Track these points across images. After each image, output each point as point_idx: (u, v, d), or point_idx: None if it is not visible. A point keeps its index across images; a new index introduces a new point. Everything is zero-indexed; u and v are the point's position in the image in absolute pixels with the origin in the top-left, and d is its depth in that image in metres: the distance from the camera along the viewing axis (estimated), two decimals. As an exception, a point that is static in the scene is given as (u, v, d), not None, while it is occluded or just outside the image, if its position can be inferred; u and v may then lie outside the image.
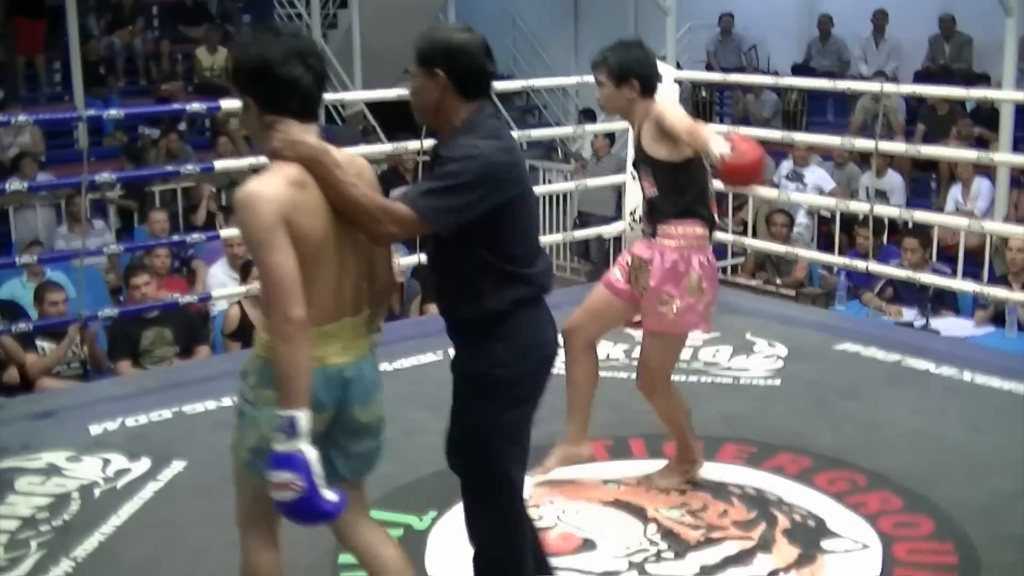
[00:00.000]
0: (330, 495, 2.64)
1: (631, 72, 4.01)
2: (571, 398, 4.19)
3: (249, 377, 2.78)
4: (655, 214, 4.05)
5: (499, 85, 10.41)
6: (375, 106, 13.32)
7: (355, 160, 2.85)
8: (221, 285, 7.39)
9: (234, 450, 2.85)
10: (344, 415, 2.79)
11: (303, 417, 2.58)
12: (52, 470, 4.48)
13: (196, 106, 6.29)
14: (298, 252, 2.63)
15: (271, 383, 2.66)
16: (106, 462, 4.51)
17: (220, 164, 6.42)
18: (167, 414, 5.07)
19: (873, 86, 8.58)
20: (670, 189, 4.01)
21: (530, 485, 4.04)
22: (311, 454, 2.59)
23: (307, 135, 2.70)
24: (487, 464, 3.04)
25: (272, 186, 2.63)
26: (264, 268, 2.64)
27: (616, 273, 4.17)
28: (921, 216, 6.82)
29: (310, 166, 2.67)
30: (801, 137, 8.43)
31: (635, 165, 4.21)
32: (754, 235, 8.16)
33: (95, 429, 4.84)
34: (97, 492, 4.29)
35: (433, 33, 3.02)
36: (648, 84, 4.06)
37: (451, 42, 2.95)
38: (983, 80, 10.91)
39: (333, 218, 2.71)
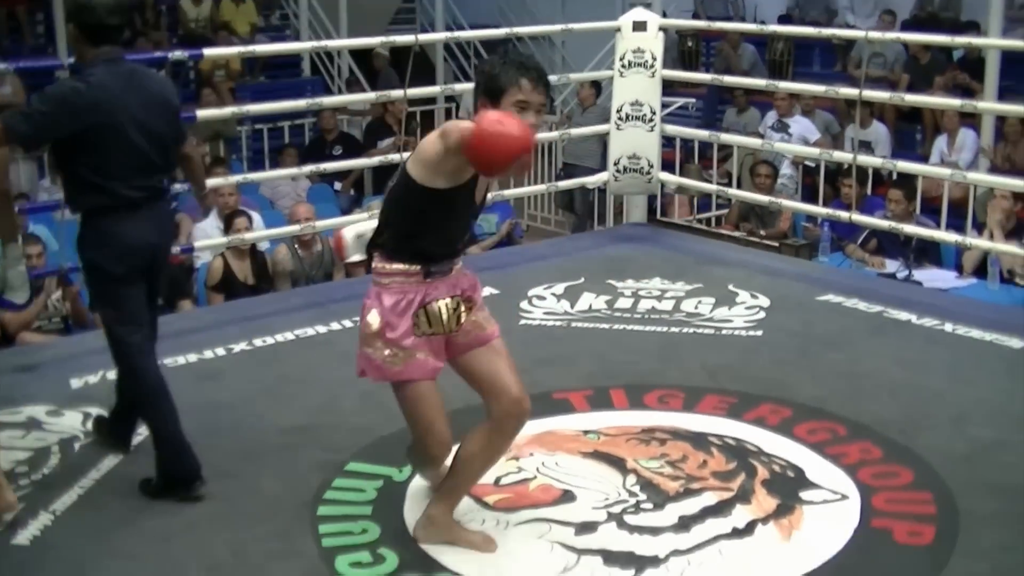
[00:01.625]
0: None
1: None
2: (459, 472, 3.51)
3: None
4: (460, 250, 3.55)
5: (482, 33, 10.42)
6: (360, 57, 13.26)
7: None
8: (207, 237, 7.28)
9: None
10: None
11: None
12: (33, 424, 4.46)
13: (178, 53, 6.17)
14: None
15: None
16: (87, 416, 4.48)
17: (203, 114, 6.25)
18: (148, 367, 5.04)
19: (858, 33, 8.55)
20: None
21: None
22: None
23: None
24: (104, 319, 4.02)
25: None
26: None
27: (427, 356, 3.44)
28: (905, 166, 6.82)
29: None
30: (784, 85, 8.40)
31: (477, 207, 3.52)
32: (738, 186, 8.12)
33: (76, 383, 4.82)
34: (77, 446, 4.28)
35: None
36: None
37: (76, 2, 3.85)
38: (973, 28, 10.82)
39: None
